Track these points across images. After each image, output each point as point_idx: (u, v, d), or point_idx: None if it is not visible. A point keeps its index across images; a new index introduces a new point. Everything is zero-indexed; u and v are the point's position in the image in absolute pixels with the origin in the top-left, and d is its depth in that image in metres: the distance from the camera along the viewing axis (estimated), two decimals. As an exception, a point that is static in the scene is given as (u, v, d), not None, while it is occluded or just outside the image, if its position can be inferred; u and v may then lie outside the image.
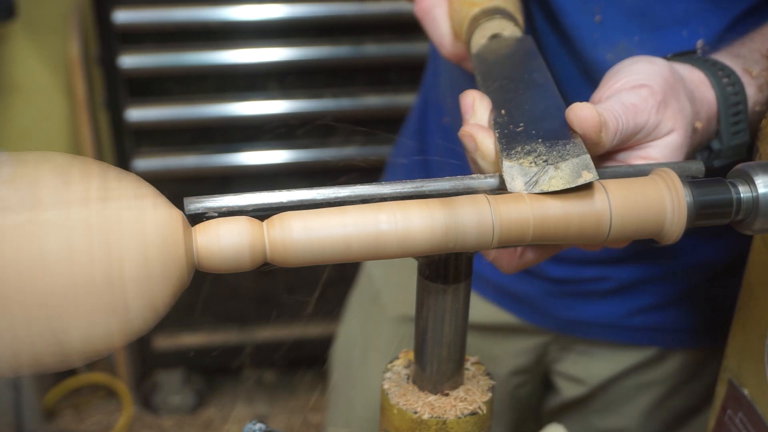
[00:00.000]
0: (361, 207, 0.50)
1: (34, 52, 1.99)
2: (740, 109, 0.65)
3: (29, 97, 2.03)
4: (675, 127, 0.60)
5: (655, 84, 0.60)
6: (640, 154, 0.59)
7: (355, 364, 1.10)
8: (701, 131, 0.64)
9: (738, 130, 0.66)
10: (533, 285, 0.96)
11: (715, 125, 0.66)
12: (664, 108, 0.59)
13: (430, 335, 0.57)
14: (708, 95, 0.65)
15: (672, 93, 0.60)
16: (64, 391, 2.06)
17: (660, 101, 0.59)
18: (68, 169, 0.46)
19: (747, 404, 0.66)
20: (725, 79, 0.65)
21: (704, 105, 0.64)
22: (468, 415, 0.57)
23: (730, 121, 0.65)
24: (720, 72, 0.65)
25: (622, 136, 0.57)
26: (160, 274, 0.46)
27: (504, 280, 0.97)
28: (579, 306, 0.95)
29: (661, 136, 0.59)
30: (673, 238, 0.53)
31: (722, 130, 0.65)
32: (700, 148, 0.67)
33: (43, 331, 0.44)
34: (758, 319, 0.65)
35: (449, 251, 0.51)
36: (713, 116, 0.65)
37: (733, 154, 0.67)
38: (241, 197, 0.50)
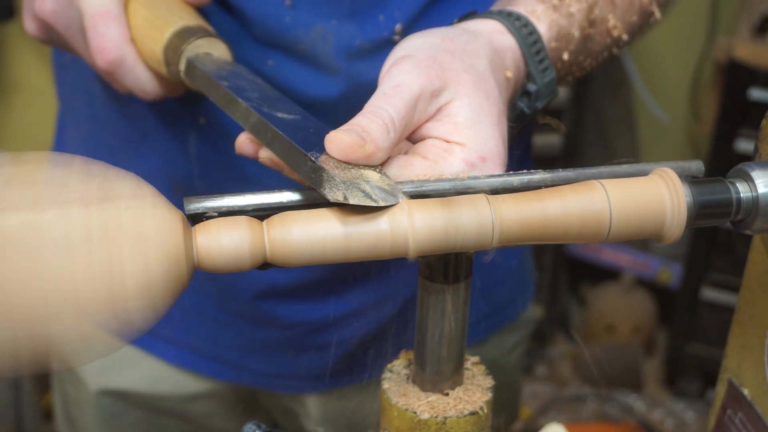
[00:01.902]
0: (361, 207, 0.50)
1: (34, 52, 1.99)
2: (540, 47, 0.66)
3: (29, 97, 2.03)
4: (462, 84, 0.58)
5: (418, 53, 0.58)
6: (443, 119, 0.58)
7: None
8: (513, 78, 0.64)
9: (544, 67, 0.66)
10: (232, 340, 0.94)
11: (524, 69, 0.66)
12: (439, 70, 0.57)
13: (430, 335, 0.57)
14: (508, 41, 0.65)
15: (447, 54, 0.59)
16: (64, 391, 2.06)
17: (428, 66, 0.57)
18: (68, 169, 0.46)
19: (747, 404, 0.66)
20: (517, 22, 0.65)
21: (507, 53, 0.64)
22: (468, 415, 0.58)
23: (535, 60, 0.66)
24: (509, 16, 0.66)
25: (399, 124, 0.55)
26: (160, 274, 0.46)
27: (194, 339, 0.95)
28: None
29: (456, 98, 0.58)
30: (673, 238, 0.53)
31: (531, 71, 0.66)
32: (518, 95, 0.67)
33: (43, 331, 0.44)
34: (758, 319, 0.65)
35: (449, 251, 0.51)
36: (520, 61, 0.65)
37: (548, 92, 0.67)
38: (241, 197, 0.50)
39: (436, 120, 0.58)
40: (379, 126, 0.53)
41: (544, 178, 0.54)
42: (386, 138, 0.53)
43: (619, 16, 0.73)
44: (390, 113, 0.54)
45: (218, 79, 0.64)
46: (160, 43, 0.68)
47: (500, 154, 0.58)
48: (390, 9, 0.77)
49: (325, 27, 0.76)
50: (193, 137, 0.83)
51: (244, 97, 0.61)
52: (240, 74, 0.67)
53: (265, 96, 0.63)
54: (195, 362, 0.95)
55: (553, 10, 0.68)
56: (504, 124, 0.60)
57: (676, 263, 2.41)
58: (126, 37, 0.69)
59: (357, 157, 0.52)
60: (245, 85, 0.64)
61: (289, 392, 0.96)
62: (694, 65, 2.39)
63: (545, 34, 0.67)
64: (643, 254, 2.47)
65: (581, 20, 0.70)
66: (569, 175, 0.54)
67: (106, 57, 0.68)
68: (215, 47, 0.69)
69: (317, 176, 0.51)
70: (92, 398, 0.97)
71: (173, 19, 0.69)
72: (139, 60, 0.70)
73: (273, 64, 0.78)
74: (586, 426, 1.97)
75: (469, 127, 0.57)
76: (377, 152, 0.52)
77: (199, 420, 0.99)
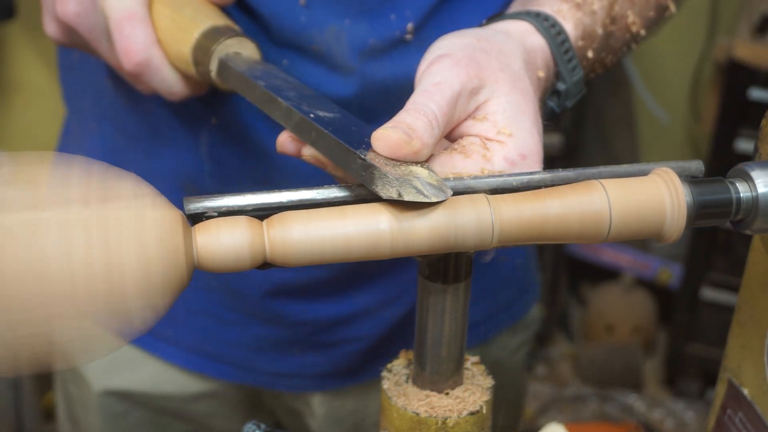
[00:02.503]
0: (360, 207, 0.50)
1: (34, 52, 1.99)
2: (568, 47, 0.67)
3: (29, 97, 2.03)
4: (500, 83, 0.59)
5: (456, 52, 0.59)
6: (482, 117, 0.58)
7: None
8: (545, 78, 0.65)
9: (573, 66, 0.67)
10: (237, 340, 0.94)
11: (554, 68, 0.66)
12: (477, 69, 0.58)
13: (430, 335, 0.57)
14: (538, 42, 0.65)
15: (483, 54, 0.59)
16: (64, 391, 2.06)
17: (467, 65, 0.58)
18: (68, 169, 0.46)
19: (747, 404, 0.66)
20: (545, 22, 0.66)
21: (538, 53, 0.65)
22: (468, 414, 0.57)
23: (564, 59, 0.66)
24: (537, 17, 0.66)
25: (442, 120, 0.55)
26: (160, 273, 0.46)
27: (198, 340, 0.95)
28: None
29: (494, 96, 0.58)
30: (673, 237, 0.53)
31: (561, 70, 0.67)
32: (548, 94, 0.67)
33: (44, 331, 0.44)
34: (758, 319, 0.65)
35: (449, 251, 0.51)
36: (550, 61, 0.66)
37: (576, 91, 0.68)
38: (240, 197, 0.50)
39: (475, 118, 0.58)
40: (423, 123, 0.54)
41: (544, 178, 0.54)
42: (431, 134, 0.54)
43: (638, 11, 0.74)
44: (433, 109, 0.55)
45: (254, 78, 0.64)
46: (188, 44, 0.68)
47: (539, 152, 0.58)
48: (401, 8, 0.77)
49: (338, 26, 0.76)
50: (204, 136, 0.83)
51: (283, 96, 0.61)
52: (273, 73, 0.67)
53: (302, 95, 0.63)
54: (199, 363, 0.95)
55: (577, 8, 0.68)
56: (540, 122, 0.61)
57: (676, 263, 2.41)
58: (152, 39, 0.69)
59: (404, 154, 0.52)
60: (280, 84, 0.64)
61: (294, 391, 0.96)
62: (694, 65, 2.39)
63: (572, 33, 0.67)
64: (643, 254, 2.47)
65: (603, 18, 0.70)
66: (569, 175, 0.54)
67: (132, 59, 0.68)
68: (244, 46, 0.69)
69: (368, 173, 0.51)
70: (95, 398, 0.97)
71: (200, 19, 0.69)
72: (166, 61, 0.70)
73: (288, 63, 0.78)
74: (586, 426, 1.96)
75: (508, 126, 0.58)
76: (423, 148, 0.53)
77: (202, 420, 0.99)
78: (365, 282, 0.90)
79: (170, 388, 0.97)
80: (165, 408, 0.98)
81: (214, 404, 0.98)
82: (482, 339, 0.98)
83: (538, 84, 0.64)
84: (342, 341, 0.92)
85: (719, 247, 2.15)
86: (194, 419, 0.99)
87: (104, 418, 0.98)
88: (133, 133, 0.87)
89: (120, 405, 0.97)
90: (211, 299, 0.92)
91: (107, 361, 0.94)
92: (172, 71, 0.71)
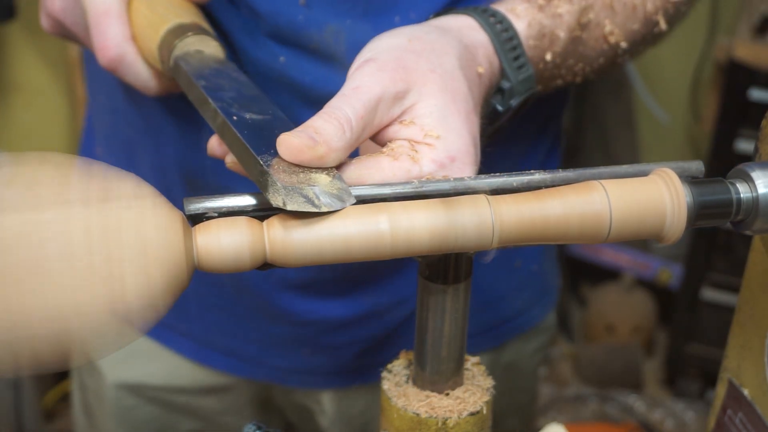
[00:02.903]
0: (360, 207, 0.50)
1: (34, 52, 1.99)
2: (515, 44, 0.66)
3: (29, 97, 2.03)
4: (428, 85, 0.58)
5: (382, 55, 0.58)
6: (409, 121, 0.58)
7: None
8: (486, 74, 0.64)
9: (520, 64, 0.66)
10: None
11: (498, 65, 0.66)
12: (403, 73, 0.57)
13: (430, 335, 0.57)
14: (479, 37, 0.65)
15: (412, 56, 0.59)
16: (64, 391, 2.06)
17: (392, 69, 0.57)
18: (68, 169, 0.46)
19: (747, 404, 0.66)
20: (492, 18, 0.65)
21: (479, 49, 0.64)
22: (468, 415, 0.57)
23: (509, 57, 0.66)
24: (484, 13, 0.66)
25: (357, 124, 0.54)
26: (160, 274, 0.46)
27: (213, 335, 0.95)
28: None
29: (421, 99, 0.58)
30: (673, 238, 0.53)
31: (505, 67, 0.66)
32: (492, 92, 0.66)
33: (43, 331, 0.44)
34: (758, 319, 0.65)
35: (449, 251, 0.51)
36: (492, 56, 0.65)
37: (523, 89, 0.67)
38: (240, 197, 0.50)
39: (403, 123, 0.57)
40: (333, 126, 0.53)
41: (544, 178, 0.54)
42: (341, 138, 0.53)
43: (619, 22, 0.73)
44: (347, 113, 0.54)
45: (197, 78, 0.64)
46: (156, 41, 0.69)
47: (470, 153, 0.57)
48: (405, 11, 0.77)
49: (338, 26, 0.76)
50: (205, 131, 0.83)
51: (215, 98, 0.61)
52: (224, 72, 0.66)
53: (240, 95, 0.62)
54: (210, 357, 0.96)
55: (538, 9, 0.68)
56: (474, 122, 0.60)
57: (676, 263, 2.41)
58: (126, 36, 0.70)
59: (308, 159, 0.51)
60: (224, 83, 0.64)
61: (305, 387, 0.96)
62: (694, 65, 2.39)
63: (523, 31, 0.67)
64: (643, 254, 2.47)
65: (570, 22, 0.69)
66: (569, 176, 0.54)
67: (107, 55, 0.70)
68: (207, 44, 0.69)
69: (263, 180, 0.50)
70: (109, 390, 0.98)
71: (169, 17, 0.69)
72: (139, 58, 0.71)
73: (285, 60, 0.78)
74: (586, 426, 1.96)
75: (436, 128, 0.57)
76: (330, 153, 0.52)
77: (213, 417, 0.99)
78: (374, 283, 0.90)
79: (182, 382, 0.97)
80: (175, 403, 0.99)
81: (224, 400, 0.99)
82: (496, 343, 0.98)
83: (479, 80, 0.63)
84: (351, 342, 0.92)
85: (719, 248, 2.15)
86: (204, 416, 1.00)
87: (116, 411, 0.99)
88: (141, 127, 0.88)
89: (131, 399, 0.98)
90: (223, 293, 0.92)
91: (121, 352, 0.95)
92: (145, 67, 0.72)
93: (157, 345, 0.97)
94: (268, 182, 0.49)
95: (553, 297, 1.07)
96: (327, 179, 0.51)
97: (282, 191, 0.48)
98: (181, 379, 0.97)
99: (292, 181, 0.49)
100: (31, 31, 1.96)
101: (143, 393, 0.98)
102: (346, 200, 0.49)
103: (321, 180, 0.50)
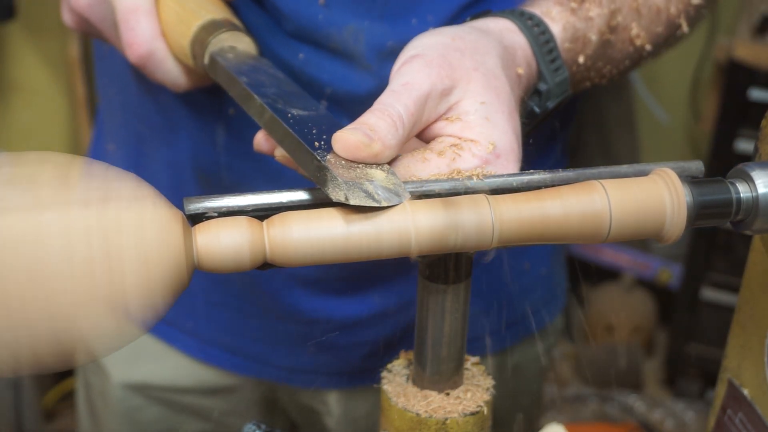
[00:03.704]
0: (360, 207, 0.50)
1: (34, 52, 1.99)
2: (552, 47, 0.66)
3: (29, 97, 2.03)
4: (473, 82, 0.59)
5: (428, 52, 0.59)
6: (454, 117, 0.58)
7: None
8: (525, 75, 0.65)
9: (556, 67, 0.67)
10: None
11: (536, 67, 0.66)
12: (449, 70, 0.58)
13: (430, 335, 0.57)
14: (518, 40, 0.65)
15: (456, 54, 0.59)
16: (64, 391, 2.06)
17: (438, 65, 0.58)
18: (68, 169, 0.46)
19: (747, 404, 0.66)
20: (529, 21, 0.66)
21: (517, 51, 0.65)
22: (468, 415, 0.57)
23: (546, 60, 0.66)
24: (522, 16, 0.66)
25: (408, 121, 0.55)
26: (160, 274, 0.46)
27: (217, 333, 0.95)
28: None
29: (466, 97, 0.58)
30: (673, 238, 0.53)
31: (543, 69, 0.66)
32: (529, 94, 0.67)
33: (43, 331, 0.44)
34: (758, 319, 0.65)
35: (449, 251, 0.51)
36: (530, 59, 0.66)
37: (559, 92, 0.68)
38: (241, 197, 0.50)
39: (448, 119, 0.58)
40: (387, 123, 0.53)
41: (544, 178, 0.54)
42: (394, 135, 0.53)
43: (644, 25, 0.73)
44: (399, 110, 0.55)
45: (237, 74, 0.65)
46: (187, 37, 0.69)
47: (514, 150, 0.58)
48: (423, 13, 0.77)
49: (357, 27, 0.76)
50: (221, 128, 0.84)
51: (260, 93, 0.61)
52: (261, 68, 0.67)
53: (282, 91, 0.63)
54: (216, 356, 0.96)
55: (571, 12, 0.68)
56: (516, 120, 0.60)
57: (676, 263, 2.41)
58: (156, 32, 0.70)
59: (363, 156, 0.52)
60: (264, 79, 0.65)
61: (311, 387, 0.96)
62: (694, 65, 2.39)
63: (559, 34, 0.67)
64: (643, 254, 2.47)
65: (601, 25, 0.70)
66: (569, 176, 0.54)
67: (136, 51, 0.70)
68: (240, 41, 0.69)
69: (322, 175, 0.51)
70: (115, 390, 0.98)
71: (201, 13, 0.70)
72: (169, 54, 0.71)
73: (303, 57, 0.78)
74: (586, 426, 1.96)
75: (481, 125, 0.57)
76: (384, 150, 0.53)
77: (218, 418, 0.99)
78: (383, 283, 0.89)
79: (187, 382, 0.97)
80: (181, 404, 0.98)
81: (229, 401, 0.99)
82: (504, 346, 0.98)
83: (518, 81, 0.63)
84: (358, 343, 0.92)
85: (719, 247, 2.15)
86: (209, 417, 0.99)
87: (122, 411, 0.99)
88: (153, 123, 0.88)
89: (137, 399, 0.98)
90: (229, 291, 0.92)
91: (127, 352, 0.95)
92: (175, 64, 0.72)
93: (163, 344, 0.97)
94: (327, 177, 0.50)
95: (562, 300, 1.07)
96: (383, 174, 0.51)
97: (344, 186, 0.49)
98: (187, 378, 0.97)
99: (351, 177, 0.50)
100: (31, 31, 1.96)
101: (149, 393, 0.98)
102: (402, 195, 0.50)
103: (377, 175, 0.51)
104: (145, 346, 0.96)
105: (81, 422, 1.09)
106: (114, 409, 0.99)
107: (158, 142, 0.88)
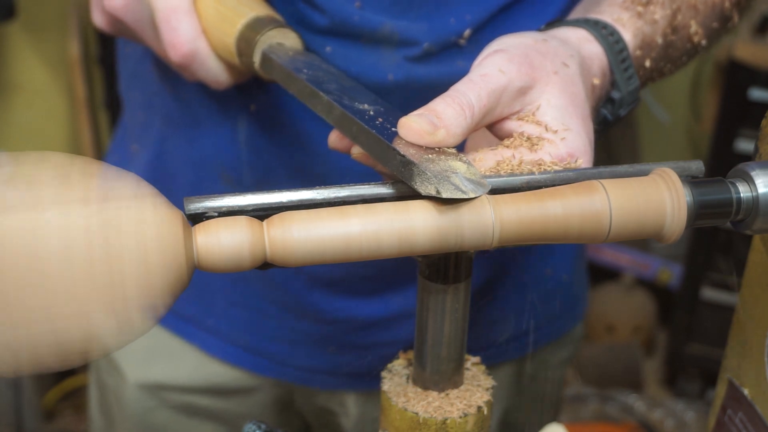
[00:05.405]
0: (361, 206, 0.50)
1: (34, 52, 1.99)
2: (625, 56, 0.67)
3: (29, 97, 2.03)
4: (551, 85, 0.59)
5: (512, 49, 0.59)
6: (530, 118, 0.58)
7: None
8: (600, 86, 0.65)
9: (629, 75, 0.67)
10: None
11: (610, 77, 0.67)
12: (529, 68, 0.58)
13: (430, 335, 0.57)
14: (595, 50, 0.65)
15: (538, 55, 0.60)
16: (64, 391, 2.07)
17: (519, 62, 0.58)
18: (68, 169, 0.46)
19: (747, 404, 0.66)
20: (604, 30, 0.66)
21: (594, 60, 0.65)
22: (468, 415, 0.57)
23: (620, 68, 0.67)
24: (596, 25, 0.67)
25: (479, 111, 0.55)
26: (160, 274, 0.46)
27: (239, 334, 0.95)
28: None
29: (543, 99, 0.59)
30: (673, 238, 0.53)
31: (617, 78, 0.67)
32: (602, 102, 0.67)
33: (43, 331, 0.44)
34: (758, 319, 0.65)
35: (449, 251, 0.51)
36: (606, 68, 0.66)
37: (631, 100, 0.68)
38: (241, 197, 0.50)
39: (522, 118, 0.58)
40: (455, 111, 0.54)
41: (544, 178, 0.54)
42: (460, 124, 0.54)
43: (701, 22, 0.73)
44: (470, 99, 0.55)
45: (296, 71, 0.65)
46: (232, 35, 0.69)
47: (587, 152, 0.58)
48: (461, 13, 0.77)
49: (393, 26, 0.76)
50: (243, 124, 0.83)
51: (324, 90, 0.61)
52: (314, 64, 0.67)
53: (342, 87, 0.63)
54: (235, 355, 0.95)
55: (638, 17, 0.68)
56: (590, 125, 0.61)
57: (676, 263, 2.41)
58: (198, 31, 0.70)
59: (427, 143, 0.53)
60: (322, 75, 0.64)
61: (329, 389, 0.96)
62: (694, 65, 2.39)
63: (630, 42, 0.67)
64: (643, 254, 2.47)
65: (665, 27, 0.70)
66: (569, 175, 0.54)
67: (179, 51, 0.70)
68: (286, 37, 0.69)
69: (407, 170, 0.51)
70: (130, 391, 0.97)
71: (243, 10, 0.70)
72: (211, 52, 0.71)
73: (331, 50, 0.77)
74: (586, 426, 1.97)
75: (556, 126, 0.58)
76: (448, 138, 0.53)
77: (234, 421, 0.99)
78: (403, 284, 0.89)
79: (204, 382, 0.96)
80: (196, 407, 0.98)
81: (246, 403, 0.98)
82: (523, 353, 0.97)
83: (593, 91, 0.64)
84: (377, 344, 0.92)
85: (719, 247, 2.15)
86: (226, 420, 0.99)
87: (137, 413, 0.98)
88: (176, 121, 0.88)
89: (152, 400, 0.97)
90: (249, 290, 0.92)
91: (143, 350, 0.95)
92: (217, 62, 0.72)
93: (181, 342, 0.95)
94: (415, 172, 0.50)
95: (582, 307, 1.06)
96: (464, 166, 0.52)
97: (434, 180, 0.49)
98: (203, 379, 0.96)
99: (437, 170, 0.50)
100: (31, 31, 1.96)
101: (164, 394, 0.97)
102: (485, 186, 0.50)
103: (459, 167, 0.51)
104: (162, 344, 0.96)
105: (93, 423, 1.08)
106: (128, 410, 0.99)
107: (181, 141, 0.88)
